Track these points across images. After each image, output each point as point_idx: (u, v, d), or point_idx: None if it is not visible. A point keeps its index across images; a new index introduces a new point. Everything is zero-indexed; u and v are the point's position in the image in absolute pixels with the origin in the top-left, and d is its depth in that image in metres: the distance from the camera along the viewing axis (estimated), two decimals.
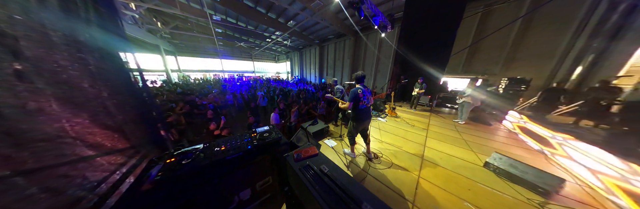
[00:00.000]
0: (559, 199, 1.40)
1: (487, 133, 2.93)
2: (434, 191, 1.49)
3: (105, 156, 0.84)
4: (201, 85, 9.52)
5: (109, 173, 0.84)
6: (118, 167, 0.89)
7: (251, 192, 1.06)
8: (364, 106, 1.69)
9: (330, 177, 0.74)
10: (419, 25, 4.65)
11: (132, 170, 0.92)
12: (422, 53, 4.69)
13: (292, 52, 18.81)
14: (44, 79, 0.63)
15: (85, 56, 0.83)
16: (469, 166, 1.89)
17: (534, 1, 4.52)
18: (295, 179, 0.83)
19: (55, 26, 0.69)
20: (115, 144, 0.91)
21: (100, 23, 0.92)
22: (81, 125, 0.75)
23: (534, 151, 2.26)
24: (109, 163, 0.86)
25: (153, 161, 0.91)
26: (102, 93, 0.89)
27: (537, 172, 1.56)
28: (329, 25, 8.93)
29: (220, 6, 7.67)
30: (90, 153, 0.78)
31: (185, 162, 0.83)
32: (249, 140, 1.11)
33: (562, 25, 4.23)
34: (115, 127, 0.94)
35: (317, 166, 0.82)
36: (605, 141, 2.00)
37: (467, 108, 3.30)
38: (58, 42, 0.70)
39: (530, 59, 4.81)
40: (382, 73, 9.55)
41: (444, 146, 2.38)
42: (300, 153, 0.90)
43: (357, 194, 0.65)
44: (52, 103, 0.65)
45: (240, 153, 0.95)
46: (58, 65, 0.69)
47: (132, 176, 0.90)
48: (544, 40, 4.53)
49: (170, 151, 0.98)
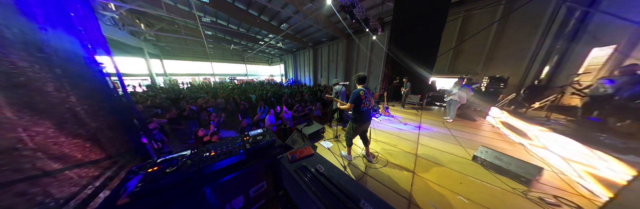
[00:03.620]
0: (539, 187, 1.51)
1: (473, 128, 3.08)
2: (429, 186, 1.52)
3: (74, 169, 0.75)
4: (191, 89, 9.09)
5: (79, 187, 0.74)
6: (90, 180, 0.79)
7: (244, 199, 1.00)
8: (366, 109, 1.66)
9: (327, 177, 0.71)
10: (408, 28, 4.87)
11: (107, 182, 0.83)
12: (411, 55, 4.90)
13: (286, 54, 18.75)
14: None
15: (48, 56, 0.74)
16: (459, 160, 1.95)
17: (507, 7, 4.95)
18: (291, 182, 0.79)
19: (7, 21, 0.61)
20: (87, 154, 0.82)
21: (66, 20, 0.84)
22: (43, 135, 0.66)
23: (515, 143, 2.41)
24: (80, 177, 0.76)
25: (132, 171, 0.82)
26: (69, 98, 0.80)
27: (519, 162, 1.66)
28: (322, 28, 9.06)
29: (210, 8, 7.50)
30: (56, 166, 0.68)
31: (170, 170, 0.76)
32: (241, 144, 1.05)
33: (531, 28, 4.66)
34: (87, 136, 0.85)
35: (313, 167, 0.79)
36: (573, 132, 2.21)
37: (454, 106, 3.45)
38: (13, 40, 0.62)
39: (507, 59, 5.22)
40: (374, 74, 9.79)
41: (436, 142, 2.45)
42: (296, 154, 0.87)
43: (355, 192, 0.63)
44: (5, 110, 0.56)
45: (232, 158, 0.89)
46: (15, 66, 0.61)
47: (107, 190, 0.81)
48: (517, 42, 4.96)
49: (152, 159, 0.90)
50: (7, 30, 0.60)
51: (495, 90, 4.57)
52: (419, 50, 4.77)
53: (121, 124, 1.07)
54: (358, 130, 1.76)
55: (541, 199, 1.37)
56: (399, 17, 5.00)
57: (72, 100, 0.80)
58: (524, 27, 4.77)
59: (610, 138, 1.97)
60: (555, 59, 4.20)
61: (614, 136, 1.99)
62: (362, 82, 1.66)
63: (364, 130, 1.84)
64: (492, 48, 5.42)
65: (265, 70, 23.21)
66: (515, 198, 1.39)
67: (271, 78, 21.72)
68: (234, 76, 19.29)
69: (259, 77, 21.61)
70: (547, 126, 2.34)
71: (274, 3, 7.16)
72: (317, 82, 14.35)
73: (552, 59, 4.24)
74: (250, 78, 19.80)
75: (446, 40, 5.75)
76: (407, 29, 4.92)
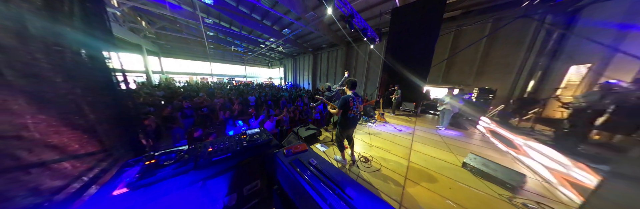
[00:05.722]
0: (523, 193, 1.58)
1: (464, 136, 3.19)
2: (419, 191, 1.56)
3: (71, 159, 0.75)
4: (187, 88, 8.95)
5: (74, 177, 0.74)
6: (85, 172, 0.79)
7: (238, 197, 1.00)
8: (353, 115, 1.68)
9: (318, 169, 0.75)
10: (404, 39, 5.19)
11: (101, 174, 0.82)
12: (406, 64, 5.16)
13: (286, 58, 19.07)
14: (14, 71, 0.58)
15: (62, 50, 0.78)
16: (449, 166, 2.01)
17: (494, 25, 5.41)
18: (284, 174, 0.81)
19: (33, 16, 0.65)
20: (84, 146, 0.82)
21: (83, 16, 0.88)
22: (46, 123, 0.68)
23: (503, 152, 2.51)
24: (74, 167, 0.76)
25: (128, 164, 0.82)
26: (74, 90, 0.82)
27: (505, 170, 1.74)
28: (322, 35, 9.42)
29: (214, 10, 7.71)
30: (53, 155, 0.69)
31: (167, 163, 0.77)
32: (239, 142, 1.07)
33: (516, 45, 5.08)
34: (86, 127, 0.86)
35: (306, 160, 0.83)
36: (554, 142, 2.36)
37: (448, 115, 3.59)
38: (35, 34, 0.66)
39: (495, 72, 5.58)
40: (372, 81, 10.08)
41: (428, 149, 2.52)
42: (291, 149, 0.90)
43: (342, 181, 0.68)
44: (19, 97, 0.58)
45: (229, 154, 0.91)
46: (32, 57, 0.64)
47: (101, 181, 0.80)
48: (504, 57, 5.35)
49: (150, 153, 0.90)
50: (31, 24, 0.64)
51: (485, 100, 4.82)
52: (413, 60, 5.04)
53: (118, 118, 1.08)
54: (343, 134, 1.81)
55: (524, 205, 1.44)
56: (395, 29, 5.33)
57: (77, 91, 0.82)
58: (510, 43, 5.19)
59: (586, 149, 2.12)
60: (539, 74, 4.54)
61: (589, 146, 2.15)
62: (352, 88, 1.70)
63: (349, 135, 1.89)
64: (481, 61, 5.80)
65: (265, 73, 23.33)
66: (501, 204, 1.44)
67: (270, 81, 21.79)
68: (232, 77, 19.23)
69: (258, 79, 21.63)
70: (531, 136, 2.50)
71: (277, 8, 7.47)
72: (315, 86, 14.52)
73: (537, 74, 4.58)
74: (249, 80, 19.76)
75: (440, 52, 6.12)
76: (402, 40, 5.23)
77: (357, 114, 1.74)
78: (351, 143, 1.95)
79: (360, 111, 1.81)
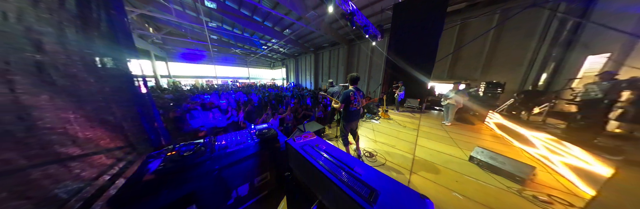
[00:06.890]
0: (533, 186, 1.56)
1: (471, 131, 3.14)
2: (425, 183, 1.57)
3: (104, 152, 0.84)
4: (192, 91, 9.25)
5: (105, 168, 0.83)
6: (115, 162, 0.88)
7: (249, 187, 1.07)
8: (354, 109, 1.77)
9: (327, 151, 0.82)
10: (406, 35, 5.11)
11: (128, 165, 0.91)
12: (410, 60, 5.09)
13: (288, 59, 19.24)
14: (58, 72, 0.67)
15: (92, 53, 0.87)
16: (456, 160, 2.00)
17: (502, 16, 5.21)
18: (296, 159, 0.88)
19: (71, 23, 0.74)
20: (113, 140, 0.91)
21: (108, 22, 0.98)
22: (84, 118, 0.77)
23: (512, 146, 2.46)
24: (106, 158, 0.85)
25: (152, 156, 0.91)
26: (105, 89, 0.91)
27: (513, 162, 1.72)
28: (323, 34, 9.44)
29: (217, 14, 7.90)
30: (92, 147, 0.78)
31: (187, 154, 0.85)
32: (250, 136, 1.14)
33: (527, 37, 4.86)
34: (114, 123, 0.95)
35: (315, 145, 0.89)
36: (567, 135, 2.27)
37: (452, 110, 3.53)
38: (71, 38, 0.75)
39: (504, 66, 5.37)
40: (374, 78, 10.00)
41: (433, 144, 2.51)
42: (301, 137, 0.96)
43: (350, 161, 0.75)
44: (63, 94, 0.67)
45: (241, 146, 0.98)
46: (70, 59, 0.73)
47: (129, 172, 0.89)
48: (514, 49, 5.13)
49: (169, 146, 0.99)
50: (69, 29, 0.73)
51: (493, 95, 4.68)
52: (417, 56, 4.96)
53: (141, 115, 1.18)
54: (348, 127, 1.88)
55: (535, 197, 1.42)
56: (398, 25, 5.27)
57: (107, 90, 0.92)
58: (520, 35, 4.95)
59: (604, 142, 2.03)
60: (552, 66, 4.29)
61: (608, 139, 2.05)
62: (354, 83, 1.77)
63: (353, 128, 1.96)
64: (489, 55, 5.59)
65: (267, 74, 23.63)
66: (510, 196, 1.43)
67: (273, 82, 22.07)
68: (236, 79, 19.65)
69: (260, 80, 21.97)
70: (543, 129, 2.40)
71: (278, 9, 7.56)
72: (317, 85, 14.58)
73: (550, 66, 4.34)
74: (252, 82, 20.14)
75: (444, 47, 5.97)
76: (405, 36, 5.16)
77: (358, 108, 1.82)
78: (356, 138, 1.99)
79: (362, 105, 1.88)
